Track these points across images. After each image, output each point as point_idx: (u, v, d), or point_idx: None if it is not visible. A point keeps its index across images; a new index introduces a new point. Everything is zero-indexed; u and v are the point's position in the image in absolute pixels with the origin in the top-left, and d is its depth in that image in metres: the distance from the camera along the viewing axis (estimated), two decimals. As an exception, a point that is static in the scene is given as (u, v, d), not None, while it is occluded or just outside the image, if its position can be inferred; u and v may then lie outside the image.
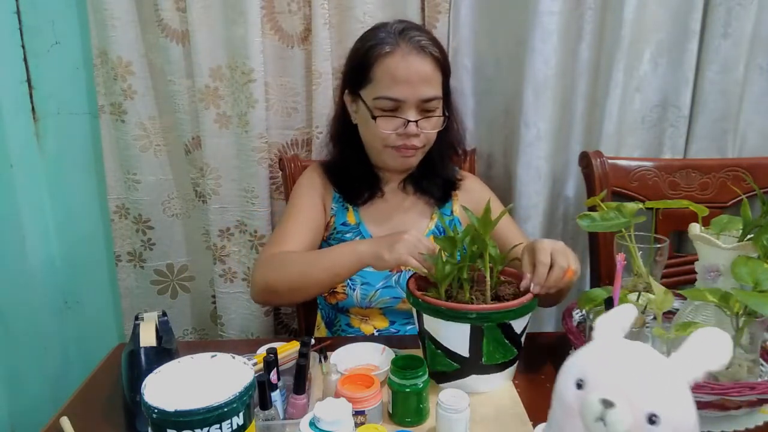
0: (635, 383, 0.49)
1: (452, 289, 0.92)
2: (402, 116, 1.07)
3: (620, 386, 0.49)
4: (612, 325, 0.55)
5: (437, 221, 1.19)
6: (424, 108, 1.08)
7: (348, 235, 1.17)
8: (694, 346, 0.50)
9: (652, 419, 0.47)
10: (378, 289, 1.12)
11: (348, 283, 1.12)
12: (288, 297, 1.16)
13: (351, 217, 1.19)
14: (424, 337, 0.90)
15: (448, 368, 0.88)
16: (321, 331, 1.25)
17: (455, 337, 0.86)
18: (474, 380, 0.89)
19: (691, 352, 0.50)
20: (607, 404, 0.48)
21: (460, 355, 0.87)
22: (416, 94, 1.06)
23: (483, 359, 0.87)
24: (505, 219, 1.13)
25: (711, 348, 0.50)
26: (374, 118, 1.08)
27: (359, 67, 1.10)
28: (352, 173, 1.18)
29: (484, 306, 0.86)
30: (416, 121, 1.07)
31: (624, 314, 0.56)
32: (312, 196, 1.19)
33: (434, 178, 1.20)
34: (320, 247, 1.19)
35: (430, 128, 1.10)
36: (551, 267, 0.88)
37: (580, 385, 0.51)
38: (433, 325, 0.87)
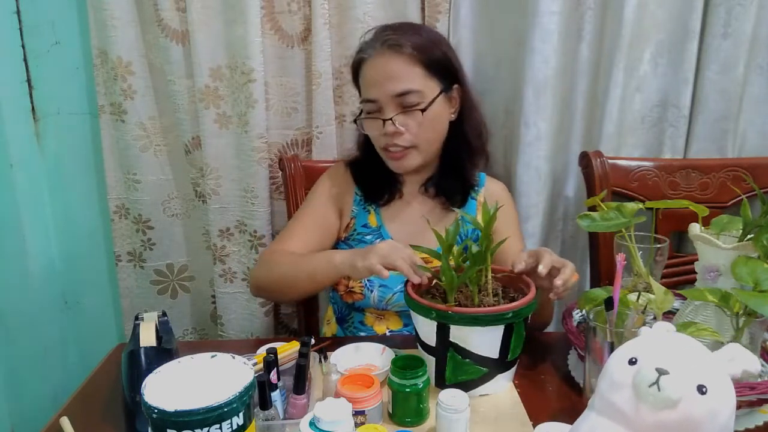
0: (686, 358, 0.55)
1: (448, 294, 0.91)
2: (381, 117, 1.08)
3: (673, 359, 0.54)
4: (659, 328, 0.63)
5: (460, 228, 1.17)
6: (402, 104, 1.07)
7: (368, 237, 1.18)
8: (731, 349, 0.58)
9: (701, 389, 0.52)
10: (396, 292, 1.12)
11: (366, 284, 1.13)
12: (276, 295, 1.28)
13: (372, 220, 1.20)
14: (444, 350, 0.87)
15: (476, 375, 0.87)
16: (332, 326, 1.25)
17: (488, 340, 0.86)
18: (499, 380, 0.89)
19: (730, 352, 0.57)
20: (662, 372, 0.53)
21: (490, 359, 0.87)
22: (386, 92, 1.07)
23: (509, 356, 0.88)
24: (514, 238, 1.18)
25: (746, 353, 0.58)
26: (355, 121, 1.15)
27: (353, 77, 1.17)
28: (373, 172, 1.19)
29: (516, 303, 0.86)
30: (392, 119, 1.07)
31: (666, 326, 0.63)
32: (327, 198, 1.21)
33: (453, 181, 1.18)
34: (336, 247, 1.21)
35: (412, 124, 1.08)
36: (565, 266, 0.92)
37: (632, 362, 0.56)
38: (464, 334, 0.85)
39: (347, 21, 1.34)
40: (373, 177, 1.20)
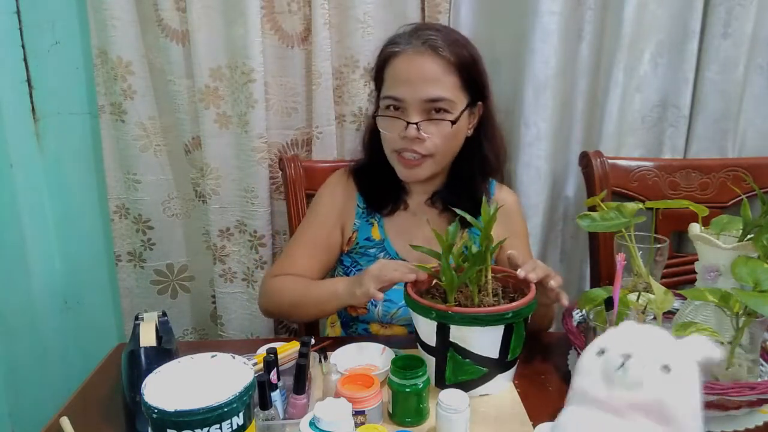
0: (650, 341, 0.60)
1: (448, 294, 0.90)
2: (404, 118, 1.02)
3: (637, 344, 0.59)
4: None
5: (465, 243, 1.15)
6: (430, 110, 1.02)
7: (372, 251, 1.15)
8: (695, 338, 0.62)
9: (666, 368, 0.57)
10: (400, 307, 1.10)
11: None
12: (288, 319, 1.34)
13: (376, 233, 1.15)
14: (444, 350, 0.87)
15: (476, 375, 0.87)
16: (336, 329, 1.24)
17: (488, 340, 0.86)
18: (499, 380, 0.89)
19: (693, 339, 0.61)
20: (626, 357, 0.58)
21: (490, 359, 0.87)
22: (417, 94, 1.01)
23: (508, 356, 0.88)
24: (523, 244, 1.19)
25: (709, 342, 0.61)
26: (374, 117, 1.08)
27: (376, 68, 1.10)
28: (379, 179, 1.14)
29: (516, 303, 0.86)
30: (417, 124, 1.01)
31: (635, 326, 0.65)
32: (327, 215, 1.17)
33: (462, 196, 1.11)
34: (341, 260, 1.19)
35: (436, 133, 1.03)
36: (537, 266, 0.92)
37: (601, 352, 0.61)
38: (464, 334, 0.85)
39: (347, 21, 1.34)
40: (377, 184, 1.15)
